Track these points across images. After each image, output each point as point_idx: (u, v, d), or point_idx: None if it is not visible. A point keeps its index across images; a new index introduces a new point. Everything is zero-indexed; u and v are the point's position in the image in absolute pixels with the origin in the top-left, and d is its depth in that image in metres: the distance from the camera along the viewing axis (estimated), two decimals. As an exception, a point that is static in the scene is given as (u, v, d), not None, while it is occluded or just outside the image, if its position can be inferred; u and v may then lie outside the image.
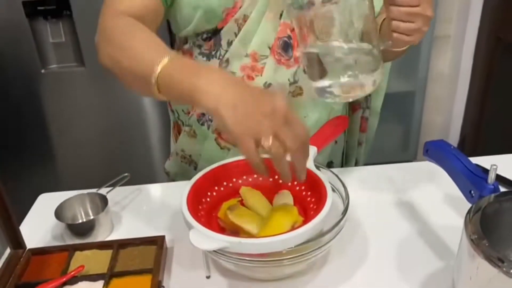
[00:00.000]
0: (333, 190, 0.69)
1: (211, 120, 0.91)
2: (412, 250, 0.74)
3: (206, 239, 0.59)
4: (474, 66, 2.19)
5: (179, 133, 0.98)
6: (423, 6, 0.68)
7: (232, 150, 0.90)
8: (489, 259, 0.50)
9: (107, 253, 0.73)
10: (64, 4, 1.69)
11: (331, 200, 0.65)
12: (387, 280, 0.68)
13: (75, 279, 0.68)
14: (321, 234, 0.62)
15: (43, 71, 1.78)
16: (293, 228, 0.65)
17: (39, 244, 0.78)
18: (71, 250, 0.73)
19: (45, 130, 1.89)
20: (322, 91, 0.71)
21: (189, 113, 0.94)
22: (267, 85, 0.84)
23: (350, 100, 0.72)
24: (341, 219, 0.64)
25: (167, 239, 0.77)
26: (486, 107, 2.15)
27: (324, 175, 0.71)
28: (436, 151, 0.71)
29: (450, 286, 0.65)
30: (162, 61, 0.62)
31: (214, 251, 0.61)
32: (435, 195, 0.87)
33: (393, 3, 0.68)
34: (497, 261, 0.49)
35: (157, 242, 0.74)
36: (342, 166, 1.06)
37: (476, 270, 0.52)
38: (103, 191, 0.84)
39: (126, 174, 0.88)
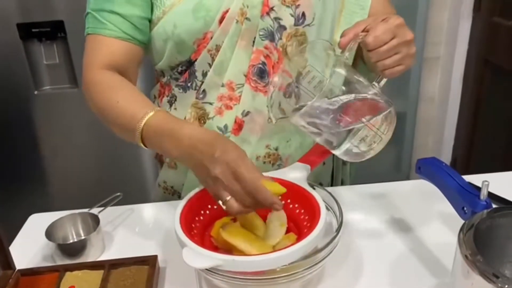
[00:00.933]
0: (327, 208, 0.69)
1: None
2: (406, 268, 0.73)
3: (199, 257, 0.59)
4: (463, 87, 2.23)
5: (161, 164, 0.98)
6: (400, 33, 0.66)
7: None
8: (484, 275, 0.50)
9: (99, 274, 0.72)
10: (59, 27, 1.70)
11: (325, 217, 0.65)
12: (382, 299, 0.68)
13: (65, 300, 0.67)
14: (316, 252, 0.61)
15: (36, 92, 1.79)
16: (286, 246, 0.64)
17: (29, 265, 0.77)
18: (61, 270, 0.72)
19: (37, 151, 1.88)
20: (347, 155, 0.70)
21: None
22: (245, 113, 0.84)
23: (378, 150, 0.71)
24: (335, 236, 0.64)
25: (159, 259, 0.76)
26: (477, 128, 2.17)
27: (318, 193, 0.71)
28: (429, 169, 0.72)
29: (445, 304, 0.65)
30: (142, 122, 0.70)
31: (207, 269, 0.60)
32: (428, 212, 0.87)
33: (370, 49, 0.66)
34: (492, 277, 0.49)
35: (149, 262, 0.73)
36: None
37: (471, 286, 0.52)
38: (94, 211, 0.83)
39: (118, 193, 0.87)
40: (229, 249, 0.67)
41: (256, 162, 0.87)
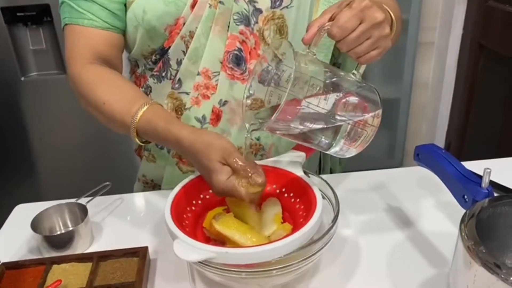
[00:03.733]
0: (323, 197, 0.67)
1: None
2: (404, 258, 0.71)
3: (190, 249, 0.56)
4: (458, 72, 2.21)
5: (141, 158, 0.95)
6: (367, 16, 0.59)
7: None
8: (487, 266, 0.48)
9: (87, 266, 0.69)
10: (45, 11, 1.65)
11: (321, 207, 0.63)
12: (380, 290, 0.66)
13: (52, 295, 0.64)
14: (312, 242, 0.59)
15: (23, 78, 1.75)
16: (282, 237, 0.62)
17: (14, 257, 0.74)
18: (47, 263, 0.70)
19: (24, 139, 1.84)
20: (336, 154, 0.67)
21: None
22: (223, 103, 0.81)
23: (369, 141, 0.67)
24: (332, 226, 0.62)
25: (150, 250, 0.73)
26: (471, 113, 2.16)
27: (313, 182, 0.69)
28: (427, 156, 0.70)
29: (444, 295, 0.63)
30: (134, 122, 0.70)
31: (199, 262, 0.58)
32: (425, 200, 0.85)
33: (336, 40, 0.60)
34: (495, 268, 0.47)
35: (139, 253, 0.71)
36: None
37: (473, 277, 0.50)
38: (82, 201, 0.80)
39: (107, 183, 0.85)
40: (222, 241, 0.64)
41: None
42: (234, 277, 0.59)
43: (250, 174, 0.61)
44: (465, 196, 0.61)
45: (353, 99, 0.62)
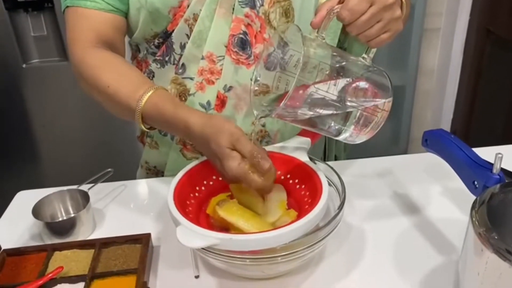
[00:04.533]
0: (329, 184, 0.66)
1: None
2: (411, 245, 0.70)
3: (194, 236, 0.55)
4: (464, 59, 2.18)
5: (144, 145, 0.94)
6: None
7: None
8: (499, 253, 0.47)
9: (89, 253, 0.68)
10: (46, -4, 1.63)
11: (327, 193, 0.61)
12: (386, 277, 0.65)
13: (53, 281, 0.63)
14: (317, 229, 0.58)
15: (24, 65, 1.73)
16: (287, 223, 0.61)
17: (16, 244, 0.73)
18: (49, 250, 0.69)
19: (27, 126, 1.83)
20: (346, 140, 0.65)
21: None
22: (228, 88, 0.80)
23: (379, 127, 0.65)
24: (338, 212, 0.60)
25: (153, 237, 0.72)
26: (477, 100, 2.14)
27: (319, 168, 0.68)
28: (436, 141, 0.68)
29: (453, 282, 0.62)
30: (139, 107, 0.68)
31: (203, 249, 0.56)
32: (433, 187, 0.83)
33: (346, 23, 0.59)
34: (507, 254, 0.46)
35: (142, 240, 0.70)
36: None
37: (484, 265, 0.48)
38: (84, 187, 0.79)
39: (109, 169, 0.83)
40: (226, 227, 0.63)
41: None
42: (238, 264, 0.58)
43: (257, 160, 0.60)
44: (475, 182, 0.59)
45: (363, 84, 0.60)
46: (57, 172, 1.93)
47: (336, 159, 1.05)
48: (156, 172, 0.94)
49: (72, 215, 0.75)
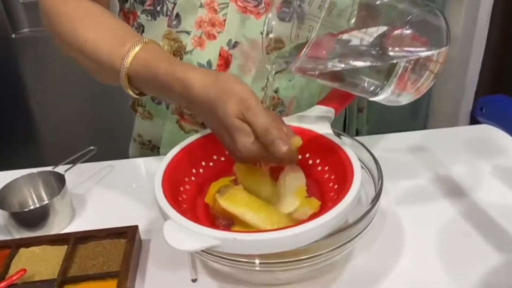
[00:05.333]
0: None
1: None
2: (460, 238, 0.57)
3: (187, 235, 0.42)
4: (490, 26, 2.01)
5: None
6: None
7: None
8: None
9: (61, 250, 0.55)
10: (35, -41, 1.48)
11: (360, 177, 0.47)
12: (431, 281, 0.51)
13: (14, 288, 0.51)
14: (347, 227, 0.44)
15: (13, 36, 1.60)
16: (307, 216, 0.47)
17: (-23, 238, 0.61)
18: (13, 247, 0.56)
19: (20, 102, 1.70)
20: (388, 101, 0.51)
21: None
22: (233, 44, 0.65)
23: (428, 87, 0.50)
24: (374, 204, 0.46)
25: (142, 229, 0.59)
26: (504, 72, 1.99)
27: (346, 144, 0.54)
28: (496, 110, 0.54)
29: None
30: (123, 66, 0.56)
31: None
32: (480, 166, 0.69)
33: None
34: None
35: (127, 234, 0.57)
36: None
37: None
38: (60, 169, 0.66)
39: (92, 147, 0.70)
40: (230, 218, 0.50)
41: None
42: (245, 269, 0.45)
43: (270, 139, 0.46)
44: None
45: (410, 28, 0.45)
46: (56, 152, 1.81)
47: (357, 133, 0.91)
48: (151, 147, 0.81)
49: (44, 202, 0.61)
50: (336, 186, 0.51)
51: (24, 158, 1.78)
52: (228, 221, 0.49)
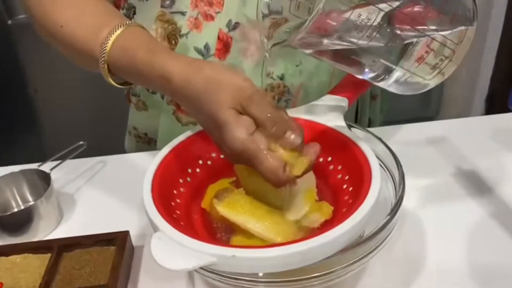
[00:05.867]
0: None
1: None
2: (490, 242, 0.50)
3: (178, 251, 0.36)
4: (509, 6, 1.92)
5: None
6: None
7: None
8: None
9: (44, 259, 0.50)
10: None
11: (380, 178, 0.41)
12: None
13: (-11, 304, 0.45)
14: (363, 240, 0.38)
15: (9, 22, 1.54)
16: (318, 223, 0.41)
17: (-44, 244, 0.56)
18: (-9, 255, 0.51)
19: (17, 91, 1.65)
20: (399, 85, 0.44)
21: None
22: (233, 25, 0.59)
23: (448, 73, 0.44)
24: (395, 211, 0.40)
25: (134, 234, 0.54)
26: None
27: (361, 139, 0.47)
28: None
29: None
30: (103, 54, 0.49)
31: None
32: (508, 160, 0.62)
33: None
34: None
35: (116, 241, 0.51)
36: None
37: None
38: (46, 166, 0.60)
39: (81, 142, 0.64)
40: (230, 227, 0.44)
41: None
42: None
43: (281, 130, 0.40)
44: None
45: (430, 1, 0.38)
46: (55, 143, 1.77)
47: (370, 124, 0.84)
48: (147, 140, 0.75)
49: (28, 205, 0.56)
50: (351, 189, 0.44)
51: (23, 146, 1.74)
52: (227, 229, 0.43)
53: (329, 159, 0.49)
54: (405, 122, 0.74)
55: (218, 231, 0.44)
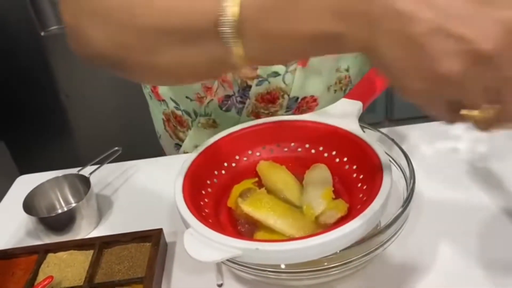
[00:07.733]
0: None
1: (242, 102, 0.67)
2: (505, 242, 0.53)
3: (207, 245, 0.40)
4: None
5: (180, 126, 0.77)
6: None
7: None
8: None
9: (87, 255, 0.55)
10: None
11: (391, 177, 0.44)
12: None
13: (42, 295, 0.51)
14: (377, 232, 0.41)
15: (43, 33, 1.61)
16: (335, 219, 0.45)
17: (8, 244, 0.62)
18: (41, 252, 0.56)
19: (50, 98, 1.73)
20: None
21: (201, 99, 0.70)
22: None
23: None
24: (407, 204, 0.44)
25: (167, 231, 0.58)
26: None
27: (373, 140, 0.51)
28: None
29: None
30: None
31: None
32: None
33: None
34: None
35: (151, 238, 0.56)
36: None
37: None
38: (86, 171, 0.66)
39: (116, 148, 0.70)
40: (254, 224, 0.48)
41: (327, 94, 0.66)
42: (272, 279, 0.43)
43: None
44: None
45: None
46: (88, 147, 1.85)
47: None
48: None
49: (72, 206, 0.62)
50: (365, 187, 0.48)
51: (56, 151, 1.82)
52: (251, 226, 0.48)
53: (345, 159, 0.53)
54: (419, 118, 0.77)
55: (243, 227, 0.48)
